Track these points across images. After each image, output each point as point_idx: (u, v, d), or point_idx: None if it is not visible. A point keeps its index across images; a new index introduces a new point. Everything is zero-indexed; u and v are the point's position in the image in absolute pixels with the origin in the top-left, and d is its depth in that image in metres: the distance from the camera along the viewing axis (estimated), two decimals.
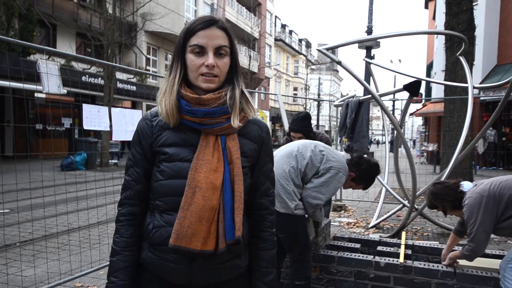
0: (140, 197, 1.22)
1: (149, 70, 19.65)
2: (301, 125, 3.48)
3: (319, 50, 4.37)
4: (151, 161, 1.22)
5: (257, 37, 29.30)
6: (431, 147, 16.67)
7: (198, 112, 1.16)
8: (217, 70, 1.17)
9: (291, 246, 2.64)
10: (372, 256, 2.81)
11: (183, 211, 1.12)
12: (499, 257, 2.91)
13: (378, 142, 27.77)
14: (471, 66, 6.97)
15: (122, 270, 1.19)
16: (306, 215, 2.68)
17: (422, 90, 22.08)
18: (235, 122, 1.19)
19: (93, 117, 3.59)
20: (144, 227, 1.22)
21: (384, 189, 6.12)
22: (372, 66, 6.95)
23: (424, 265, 2.64)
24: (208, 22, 1.17)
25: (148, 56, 19.69)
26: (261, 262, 1.28)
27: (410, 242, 3.25)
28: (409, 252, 2.96)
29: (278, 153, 2.68)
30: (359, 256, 2.84)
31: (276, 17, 36.42)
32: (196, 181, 1.13)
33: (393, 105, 33.22)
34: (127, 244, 1.20)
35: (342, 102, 5.22)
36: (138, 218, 1.23)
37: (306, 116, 3.50)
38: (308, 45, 47.45)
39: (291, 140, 3.62)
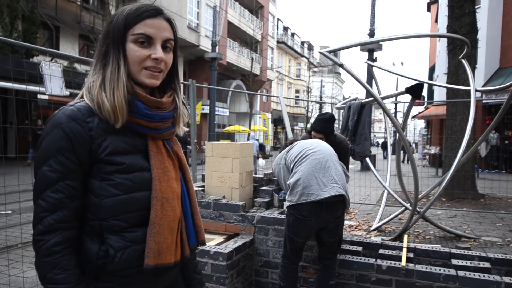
0: (77, 218, 1.00)
1: None
2: (325, 127, 3.42)
3: (321, 53, 4.38)
4: (87, 172, 1.00)
5: (259, 40, 29.33)
6: (433, 150, 16.63)
7: (157, 116, 1.05)
8: (163, 65, 1.06)
9: (339, 246, 2.83)
10: (374, 259, 2.81)
11: (155, 227, 1.01)
12: (501, 260, 2.90)
13: (384, 145, 25.49)
14: (473, 69, 6.96)
15: None
16: None
17: (424, 93, 22.03)
18: (180, 130, 1.15)
19: None
20: (91, 255, 0.99)
21: (386, 192, 6.11)
22: (374, 68, 6.94)
23: (426, 268, 2.63)
24: (156, 11, 1.05)
25: None
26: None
27: (412, 245, 3.23)
28: (411, 255, 2.96)
29: (324, 155, 2.77)
30: (361, 259, 2.84)
31: (278, 19, 36.47)
32: (162, 192, 1.03)
33: (395, 108, 33.34)
34: (76, 278, 0.97)
35: (344, 105, 5.22)
36: (75, 244, 1.00)
37: (330, 118, 3.42)
38: (310, 48, 47.48)
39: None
